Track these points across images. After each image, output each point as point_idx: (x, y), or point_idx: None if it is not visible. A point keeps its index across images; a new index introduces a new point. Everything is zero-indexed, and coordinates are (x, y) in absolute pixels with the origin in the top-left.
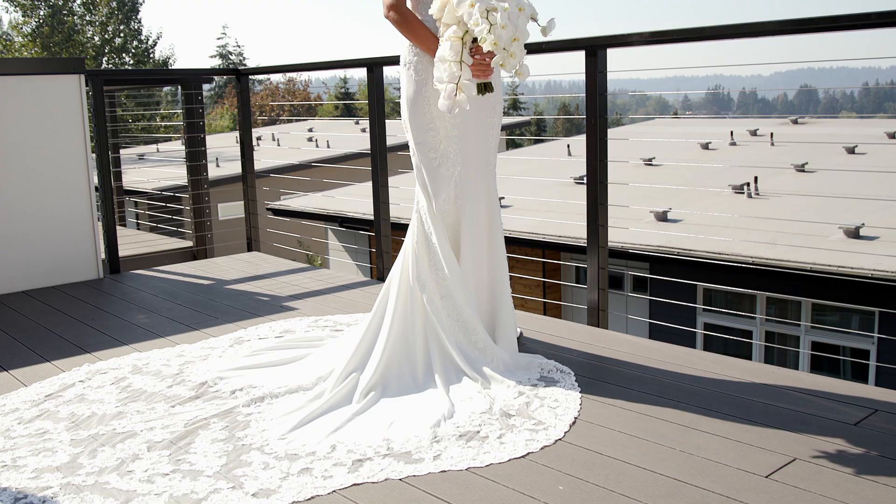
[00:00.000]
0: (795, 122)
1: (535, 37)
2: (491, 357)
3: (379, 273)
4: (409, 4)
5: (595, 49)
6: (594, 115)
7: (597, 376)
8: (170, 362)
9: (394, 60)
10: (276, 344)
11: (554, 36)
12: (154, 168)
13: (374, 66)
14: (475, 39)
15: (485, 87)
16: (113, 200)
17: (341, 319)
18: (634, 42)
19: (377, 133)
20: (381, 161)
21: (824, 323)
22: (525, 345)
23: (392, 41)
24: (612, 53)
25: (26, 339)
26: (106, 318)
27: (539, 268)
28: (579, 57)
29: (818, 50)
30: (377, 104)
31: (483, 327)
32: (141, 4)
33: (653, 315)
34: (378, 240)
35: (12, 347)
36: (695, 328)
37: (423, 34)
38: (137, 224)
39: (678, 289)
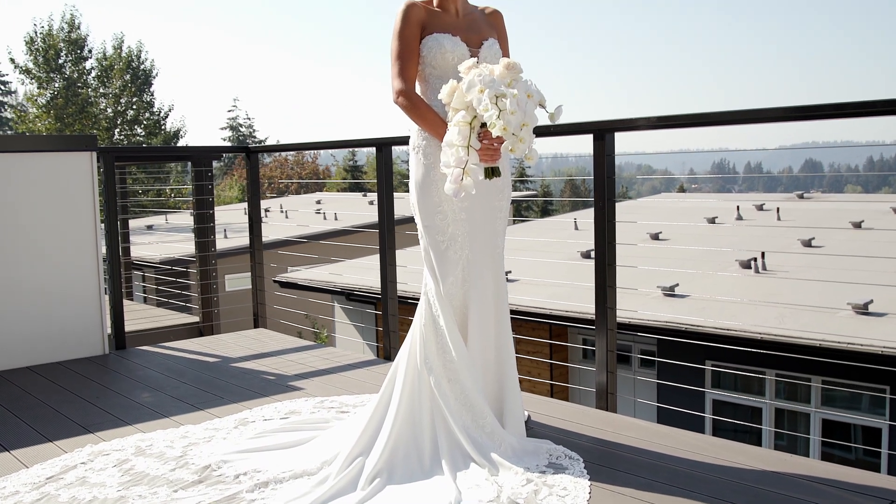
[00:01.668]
0: (801, 196)
1: (544, 121)
2: (499, 442)
3: (386, 352)
4: (418, 89)
5: (603, 133)
6: (602, 199)
7: (606, 463)
8: (173, 444)
9: (402, 140)
10: (281, 426)
11: (563, 119)
12: (163, 243)
13: (384, 146)
14: (484, 124)
15: (492, 172)
16: (120, 275)
17: (347, 400)
18: (641, 126)
19: (385, 212)
20: (388, 240)
21: (835, 400)
22: (533, 429)
23: (402, 114)
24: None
25: (29, 417)
26: (110, 397)
27: (546, 347)
28: (587, 137)
29: (823, 127)
30: (385, 183)
31: (491, 411)
32: (154, 77)
33: (661, 390)
34: (385, 318)
35: (15, 426)
36: (703, 404)
37: (431, 119)
38: (145, 298)
39: (686, 364)
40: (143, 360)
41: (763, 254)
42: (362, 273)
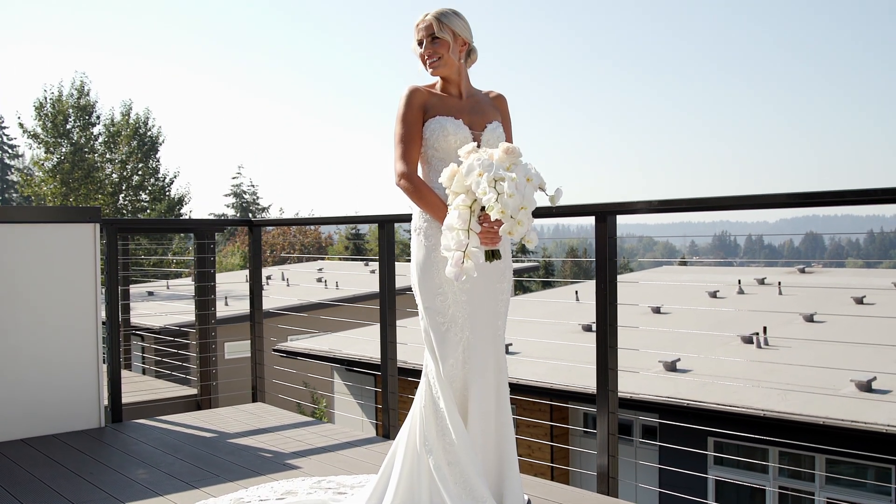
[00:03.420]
0: (803, 270)
1: (544, 203)
2: None
3: (385, 429)
4: (420, 171)
5: (605, 215)
6: (604, 280)
7: None
8: None
9: (405, 218)
10: None
11: (565, 197)
12: (164, 314)
13: (386, 223)
14: (483, 208)
15: (493, 255)
16: (119, 347)
17: (345, 481)
18: (642, 210)
19: (387, 289)
20: (389, 317)
21: (839, 479)
22: None
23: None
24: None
25: (21, 493)
26: (104, 472)
27: (546, 425)
28: (589, 218)
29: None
30: (388, 260)
31: (491, 495)
32: (160, 144)
33: (663, 470)
34: (385, 395)
35: (6, 502)
36: (706, 484)
37: (433, 202)
38: (143, 369)
39: (688, 442)
40: (140, 434)
41: (765, 329)
42: (363, 344)
